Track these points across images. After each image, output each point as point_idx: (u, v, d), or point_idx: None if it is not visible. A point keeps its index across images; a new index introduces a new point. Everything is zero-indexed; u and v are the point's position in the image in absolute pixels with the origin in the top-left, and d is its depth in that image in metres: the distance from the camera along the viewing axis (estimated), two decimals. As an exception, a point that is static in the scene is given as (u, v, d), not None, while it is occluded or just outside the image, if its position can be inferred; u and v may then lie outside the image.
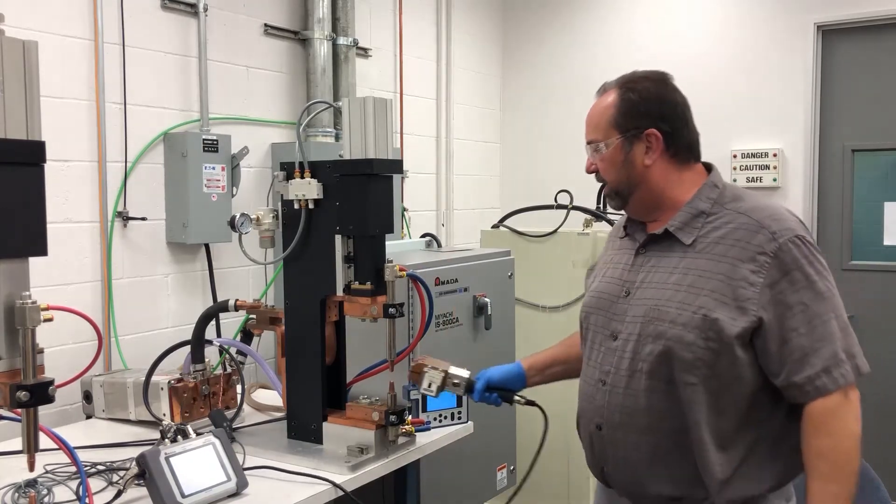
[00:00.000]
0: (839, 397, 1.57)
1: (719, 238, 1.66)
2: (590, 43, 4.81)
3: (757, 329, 1.59)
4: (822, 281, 1.62)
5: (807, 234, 1.66)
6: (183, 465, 1.81)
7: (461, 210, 4.71)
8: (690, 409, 1.63)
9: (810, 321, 1.58)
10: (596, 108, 1.78)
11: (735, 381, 1.62)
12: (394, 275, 2.10)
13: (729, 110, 4.41)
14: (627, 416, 1.70)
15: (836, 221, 4.26)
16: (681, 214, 1.72)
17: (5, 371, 1.43)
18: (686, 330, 1.61)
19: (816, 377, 1.57)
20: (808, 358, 1.57)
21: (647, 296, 1.70)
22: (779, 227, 1.63)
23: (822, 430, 1.58)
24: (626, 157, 1.74)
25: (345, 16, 3.67)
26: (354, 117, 2.10)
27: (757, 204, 1.70)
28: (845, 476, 1.57)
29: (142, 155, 2.96)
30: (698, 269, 1.65)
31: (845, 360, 1.58)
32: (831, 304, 1.61)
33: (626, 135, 1.73)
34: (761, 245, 1.61)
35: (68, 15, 2.73)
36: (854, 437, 1.58)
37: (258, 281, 3.43)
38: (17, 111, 1.41)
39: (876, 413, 4.18)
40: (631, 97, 1.73)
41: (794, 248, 1.61)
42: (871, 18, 4.08)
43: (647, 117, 1.73)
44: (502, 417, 3.05)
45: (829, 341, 1.58)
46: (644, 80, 1.77)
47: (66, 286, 2.72)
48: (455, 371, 2.08)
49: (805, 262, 1.61)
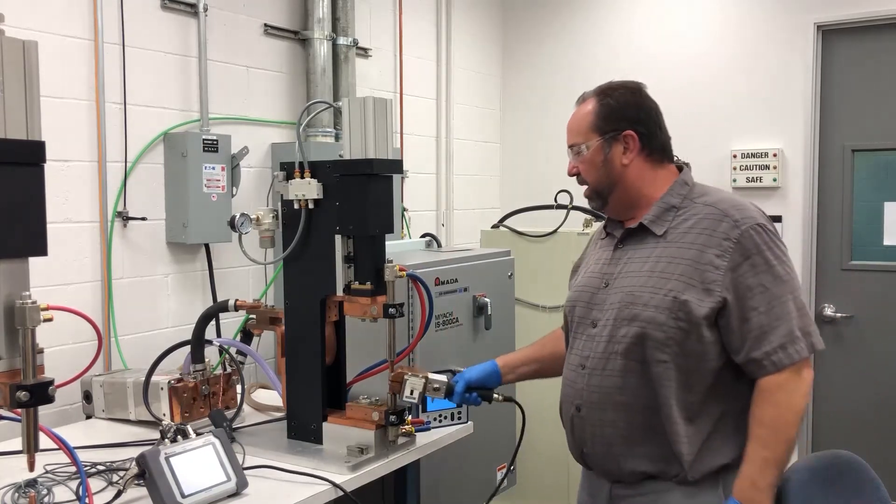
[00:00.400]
0: (791, 373, 1.71)
1: (688, 228, 1.81)
2: (590, 43, 4.81)
3: (721, 309, 1.73)
4: (781, 265, 1.75)
5: (767, 222, 1.80)
6: (183, 465, 1.81)
7: (461, 210, 4.71)
8: (661, 386, 1.77)
9: (769, 301, 1.72)
10: (576, 115, 1.95)
11: (702, 358, 1.76)
12: (394, 275, 2.10)
13: (729, 110, 4.42)
14: (605, 395, 1.83)
15: (836, 221, 4.26)
16: (654, 209, 1.88)
17: (5, 371, 1.44)
18: (658, 311, 1.76)
19: (773, 352, 1.71)
20: (767, 335, 1.71)
21: (624, 284, 1.85)
22: (741, 215, 1.77)
23: (768, 400, 1.72)
24: (606, 157, 1.89)
25: (345, 16, 3.67)
26: (354, 117, 2.11)
27: (722, 196, 1.86)
28: (779, 444, 1.71)
29: (142, 155, 2.96)
30: (669, 256, 1.80)
31: (801, 338, 1.72)
32: (789, 286, 1.74)
33: (605, 137, 1.89)
34: (725, 232, 1.76)
35: (68, 15, 2.73)
36: (796, 410, 1.72)
37: (258, 281, 3.43)
38: (17, 111, 1.41)
39: (876, 413, 4.19)
40: (609, 102, 1.91)
41: (755, 234, 1.75)
42: (871, 18, 4.08)
43: (624, 120, 1.89)
44: (502, 417, 3.05)
45: (785, 320, 1.71)
46: (620, 88, 1.94)
47: (66, 286, 2.72)
48: (434, 376, 2.11)
49: (765, 248, 1.74)
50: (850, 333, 4.25)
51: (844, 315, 4.24)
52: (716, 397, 1.78)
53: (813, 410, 4.34)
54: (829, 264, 4.28)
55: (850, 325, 4.24)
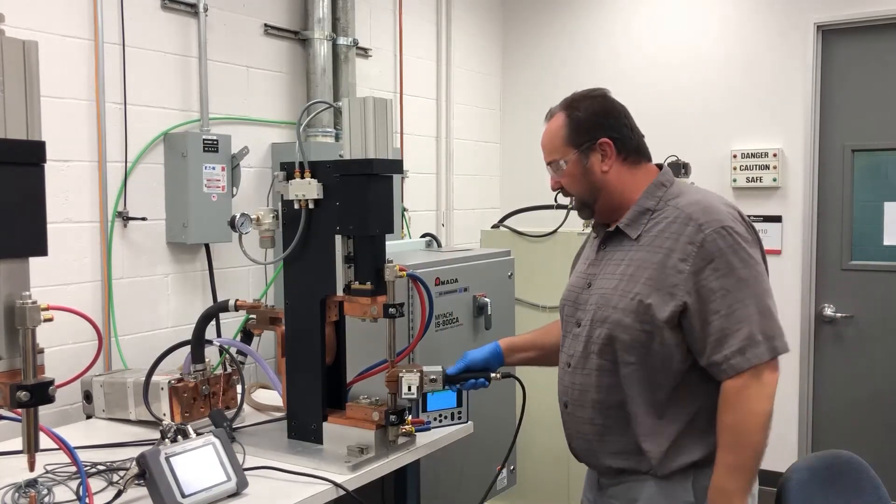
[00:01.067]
0: (749, 377, 1.71)
1: (658, 232, 1.83)
2: (590, 43, 4.81)
3: (683, 312, 1.75)
4: (745, 268, 1.74)
5: (736, 224, 1.79)
6: (183, 465, 1.81)
7: (461, 210, 4.71)
8: (629, 386, 1.81)
9: (730, 305, 1.72)
10: (547, 131, 1.97)
11: (667, 360, 1.79)
12: (394, 275, 2.10)
13: (729, 110, 4.42)
14: (583, 392, 1.90)
15: (836, 221, 4.26)
16: (630, 213, 1.90)
17: (5, 371, 1.44)
18: (625, 314, 1.80)
19: (732, 356, 1.71)
20: (726, 339, 1.72)
21: (601, 285, 1.90)
22: (706, 219, 1.77)
23: (729, 405, 1.73)
24: (585, 168, 1.91)
25: (345, 16, 3.67)
26: (354, 117, 2.11)
27: (693, 199, 1.85)
28: (744, 449, 1.72)
29: (142, 155, 2.96)
30: (639, 260, 1.83)
31: (761, 342, 1.72)
32: (752, 289, 1.74)
33: (580, 148, 1.90)
34: (689, 236, 1.77)
35: (68, 15, 2.73)
36: (758, 414, 1.71)
37: (258, 281, 3.43)
38: (17, 111, 1.41)
39: (875, 413, 4.19)
40: (577, 115, 1.92)
41: (718, 238, 1.75)
42: (871, 18, 4.08)
43: (596, 129, 1.90)
44: (502, 417, 3.05)
45: (746, 323, 1.72)
46: (586, 98, 1.95)
47: (66, 286, 2.72)
48: (429, 368, 2.12)
49: (728, 251, 1.74)
50: (850, 333, 4.25)
51: (844, 315, 4.24)
52: (686, 397, 1.80)
53: (813, 410, 4.34)
54: (829, 264, 4.28)
55: (850, 325, 4.24)
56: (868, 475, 2.16)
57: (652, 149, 1.98)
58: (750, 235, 1.81)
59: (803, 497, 2.05)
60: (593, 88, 1.98)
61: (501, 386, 2.21)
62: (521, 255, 3.44)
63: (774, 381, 1.73)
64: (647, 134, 1.99)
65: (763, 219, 4.36)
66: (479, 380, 2.14)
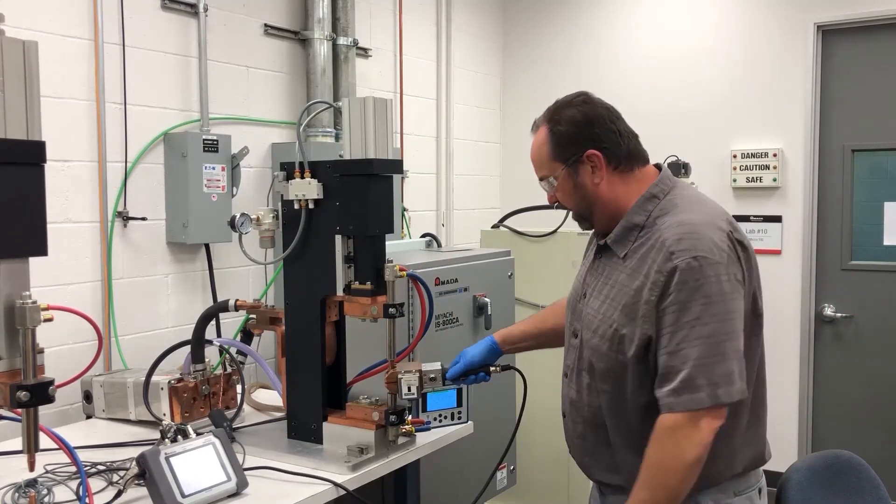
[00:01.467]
0: (682, 419, 1.61)
1: (642, 255, 1.73)
2: (590, 43, 4.81)
3: (648, 345, 1.68)
4: (706, 307, 1.61)
5: (714, 252, 1.63)
6: (183, 465, 1.81)
7: (461, 210, 4.71)
8: (608, 415, 1.78)
9: (678, 343, 1.62)
10: (533, 146, 1.87)
11: (638, 392, 1.71)
12: (394, 275, 2.10)
13: (729, 110, 4.42)
14: (576, 408, 1.86)
15: (836, 221, 4.26)
16: (618, 228, 1.80)
17: (5, 371, 1.44)
18: (602, 342, 1.75)
19: (668, 395, 1.63)
20: (668, 376, 1.63)
21: (591, 304, 1.83)
22: (678, 247, 1.65)
23: (656, 442, 1.65)
24: (576, 182, 1.81)
25: (345, 16, 3.67)
26: (354, 117, 2.11)
27: (677, 219, 1.71)
28: (657, 489, 1.64)
29: (142, 155, 2.96)
30: (622, 283, 1.75)
31: (702, 387, 1.60)
32: (707, 329, 1.61)
33: (567, 163, 1.80)
34: (660, 265, 1.66)
35: (68, 15, 2.73)
36: (681, 459, 1.61)
37: (258, 281, 3.43)
38: (17, 111, 1.41)
39: (875, 413, 4.19)
40: (560, 129, 1.80)
41: (685, 270, 1.62)
42: (871, 18, 4.08)
43: (581, 141, 1.79)
44: (502, 417, 3.06)
45: (690, 366, 1.60)
46: (566, 107, 1.82)
47: (66, 286, 2.72)
48: (428, 367, 2.11)
49: (691, 286, 1.62)
50: (850, 333, 4.25)
51: (844, 315, 4.24)
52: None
53: (813, 410, 4.34)
54: (829, 264, 4.28)
55: (850, 325, 4.25)
56: (868, 475, 2.16)
57: (652, 149, 1.91)
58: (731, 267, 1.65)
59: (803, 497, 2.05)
60: (575, 94, 1.85)
61: (501, 385, 2.22)
62: (521, 255, 3.44)
63: (711, 430, 1.61)
64: (648, 134, 1.95)
65: (763, 219, 4.37)
66: (480, 374, 2.13)
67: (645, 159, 1.86)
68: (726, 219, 1.74)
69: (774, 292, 4.30)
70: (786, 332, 4.32)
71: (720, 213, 1.75)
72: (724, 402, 1.61)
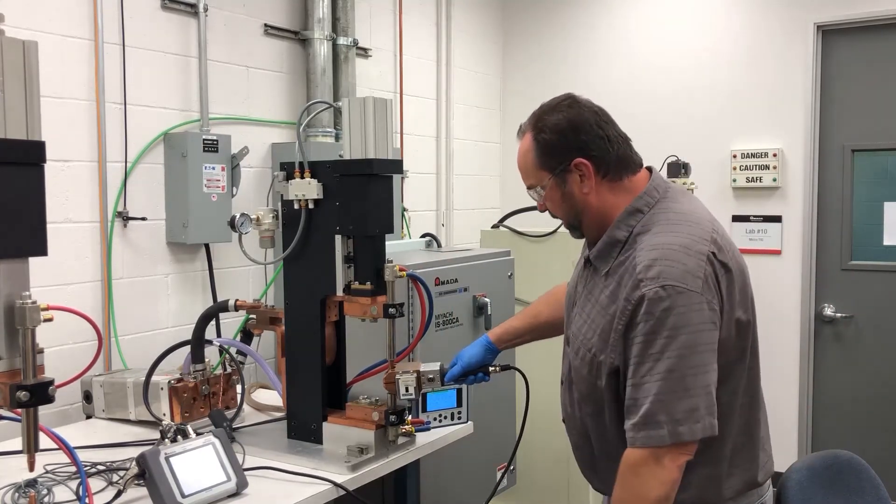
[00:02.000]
0: (645, 455, 1.55)
1: (620, 274, 1.65)
2: (590, 43, 4.81)
3: (617, 373, 1.64)
4: (670, 339, 1.53)
5: (687, 280, 1.54)
6: (183, 465, 1.81)
7: (461, 210, 4.71)
8: (592, 432, 1.76)
9: (642, 376, 1.55)
10: (519, 154, 1.78)
11: (616, 416, 1.66)
12: (394, 275, 2.10)
13: (729, 110, 4.42)
14: (570, 419, 1.85)
15: (836, 221, 4.26)
16: (600, 243, 1.73)
17: (5, 371, 1.44)
18: (583, 365, 1.71)
19: (630, 428, 1.57)
20: (631, 409, 1.57)
21: (576, 321, 1.78)
22: (647, 274, 1.56)
23: (621, 479, 1.60)
24: (564, 192, 1.73)
25: (345, 16, 3.67)
26: (354, 117, 2.10)
27: (655, 240, 1.62)
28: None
29: (142, 155, 2.96)
30: (602, 304, 1.68)
31: (663, 423, 1.52)
32: (670, 363, 1.52)
33: (554, 172, 1.72)
34: (628, 292, 1.59)
35: (68, 15, 2.73)
36: (645, 499, 1.54)
37: (258, 281, 3.43)
38: (17, 111, 1.41)
39: (875, 413, 4.19)
40: (544, 137, 1.71)
41: (651, 301, 1.54)
42: (871, 18, 4.08)
43: (567, 149, 1.70)
44: (502, 417, 3.06)
45: (651, 401, 1.53)
46: (552, 112, 1.73)
47: (66, 286, 2.72)
48: (426, 367, 2.11)
49: (657, 317, 1.53)
50: (850, 333, 4.25)
51: (844, 315, 4.24)
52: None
53: (813, 410, 4.34)
54: (829, 264, 4.28)
55: (850, 325, 4.24)
56: (868, 475, 2.16)
57: (652, 149, 1.89)
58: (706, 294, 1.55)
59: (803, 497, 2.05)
60: (562, 97, 1.76)
61: (501, 385, 2.22)
62: (521, 255, 3.44)
63: (676, 467, 1.54)
64: (647, 134, 1.94)
65: (763, 219, 4.37)
66: (479, 375, 2.12)
67: (636, 166, 1.75)
68: (710, 238, 1.62)
69: (774, 292, 4.30)
70: (786, 332, 4.32)
71: (704, 232, 1.63)
72: (687, 440, 1.53)
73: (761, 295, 4.82)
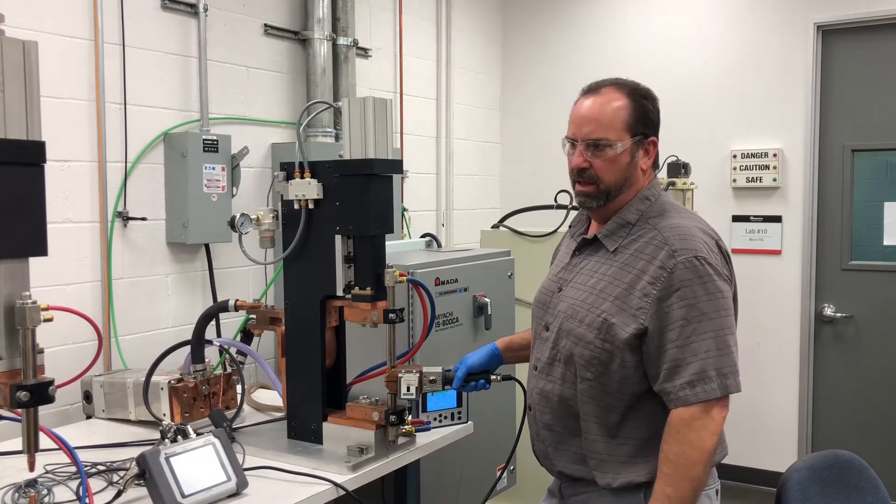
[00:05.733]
0: (698, 410, 1.68)
1: (635, 251, 1.79)
2: (590, 43, 4.82)
3: (643, 336, 1.73)
4: (709, 301, 1.71)
5: (711, 254, 1.75)
6: (183, 465, 1.81)
7: (461, 210, 4.71)
8: (584, 402, 1.81)
9: (687, 336, 1.69)
10: (604, 106, 1.83)
11: (624, 381, 1.77)
12: (394, 280, 2.10)
13: (729, 110, 4.42)
14: (546, 398, 1.89)
15: (836, 221, 4.26)
16: (610, 223, 1.86)
17: (5, 371, 1.44)
18: (588, 330, 1.78)
19: (682, 388, 1.69)
20: (678, 369, 1.69)
21: (571, 294, 1.86)
22: (680, 245, 1.74)
23: (674, 436, 1.69)
24: (631, 160, 1.85)
25: (345, 16, 3.67)
26: (354, 117, 2.11)
27: (672, 222, 1.81)
28: (683, 482, 1.68)
29: (142, 155, 2.96)
30: (611, 276, 1.80)
31: (713, 378, 1.68)
32: (714, 323, 1.70)
33: (635, 139, 1.84)
34: (662, 261, 1.74)
35: (68, 15, 2.73)
36: (702, 450, 1.67)
37: (258, 281, 3.43)
38: (17, 111, 1.41)
39: (875, 413, 4.19)
40: (645, 104, 1.87)
41: (689, 267, 1.71)
42: (871, 18, 4.08)
43: (653, 125, 1.89)
44: (502, 417, 3.05)
45: (700, 357, 1.68)
46: (646, 88, 1.91)
47: (66, 286, 2.72)
48: (428, 369, 2.12)
49: (696, 282, 1.71)
50: (850, 333, 4.25)
51: (844, 315, 4.24)
52: (641, 420, 1.78)
53: (813, 410, 4.34)
54: (829, 264, 4.28)
55: (850, 325, 4.25)
56: (868, 475, 2.16)
57: None
58: (723, 269, 1.76)
59: (803, 497, 2.05)
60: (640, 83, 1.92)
61: (501, 386, 2.21)
62: (521, 255, 3.44)
63: (722, 419, 1.70)
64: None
65: (763, 219, 4.37)
66: (480, 381, 2.13)
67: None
68: (711, 229, 1.85)
69: (774, 292, 4.31)
70: (786, 332, 4.32)
71: (705, 224, 1.86)
72: (732, 391, 1.69)
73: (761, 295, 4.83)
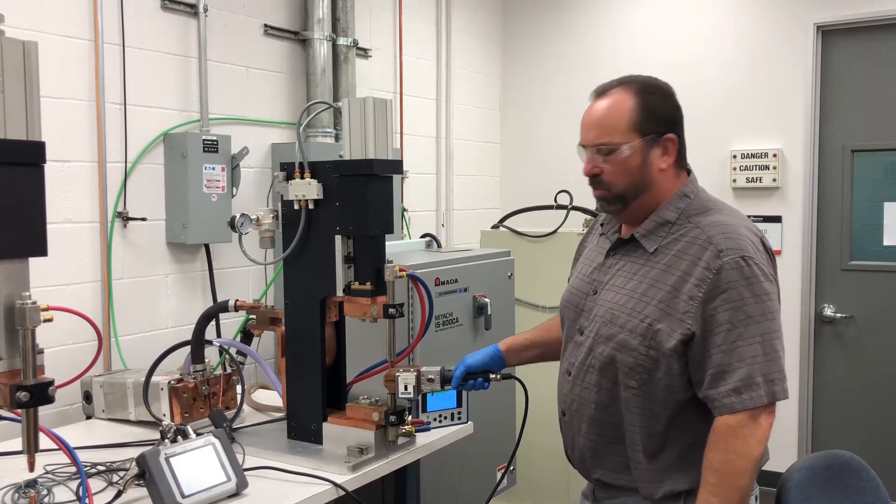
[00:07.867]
0: (745, 417, 1.62)
1: (677, 251, 1.71)
2: (590, 43, 4.81)
3: (689, 341, 1.66)
4: (757, 304, 1.64)
5: (758, 254, 1.67)
6: (183, 466, 1.81)
7: (461, 210, 4.71)
8: (628, 411, 1.74)
9: (733, 341, 1.63)
10: (608, 109, 1.75)
11: (669, 388, 1.70)
12: (394, 275, 2.10)
13: (729, 110, 4.42)
14: (581, 405, 1.83)
15: (836, 221, 4.26)
16: (648, 222, 1.77)
17: (5, 371, 1.44)
18: (632, 336, 1.71)
19: (727, 394, 1.62)
20: (724, 375, 1.63)
21: (608, 298, 1.79)
22: (727, 245, 1.66)
23: (720, 444, 1.64)
24: (644, 161, 1.74)
25: (345, 16, 3.67)
26: (354, 117, 2.11)
27: (716, 219, 1.73)
28: (729, 491, 1.62)
29: (142, 155, 2.96)
30: (653, 278, 1.72)
31: (760, 385, 1.62)
32: (761, 327, 1.64)
33: (646, 138, 1.73)
34: (707, 262, 1.66)
35: (68, 15, 2.73)
36: (749, 458, 1.62)
37: (258, 281, 3.43)
38: (17, 111, 1.41)
39: (875, 413, 4.19)
40: (655, 100, 1.75)
41: (735, 269, 1.64)
42: (871, 18, 4.08)
43: (668, 122, 1.76)
44: (502, 417, 3.06)
45: (746, 363, 1.62)
46: (659, 85, 1.78)
47: (66, 286, 2.72)
48: (427, 368, 2.10)
49: (742, 284, 1.63)
50: (850, 333, 4.25)
51: (844, 315, 4.24)
52: (684, 427, 1.72)
53: (813, 410, 4.34)
54: (829, 264, 4.28)
55: (850, 325, 4.24)
56: (868, 475, 2.16)
57: None
58: (769, 269, 1.69)
59: (803, 497, 2.05)
60: (656, 78, 1.80)
61: (501, 386, 2.21)
62: (521, 255, 3.44)
63: (769, 426, 1.64)
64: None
65: (763, 219, 4.36)
66: (479, 380, 2.10)
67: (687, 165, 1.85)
68: (755, 226, 1.77)
69: (774, 292, 4.30)
70: (786, 332, 4.25)
71: (749, 221, 1.78)
72: (779, 398, 1.64)
73: (761, 295, 4.70)
